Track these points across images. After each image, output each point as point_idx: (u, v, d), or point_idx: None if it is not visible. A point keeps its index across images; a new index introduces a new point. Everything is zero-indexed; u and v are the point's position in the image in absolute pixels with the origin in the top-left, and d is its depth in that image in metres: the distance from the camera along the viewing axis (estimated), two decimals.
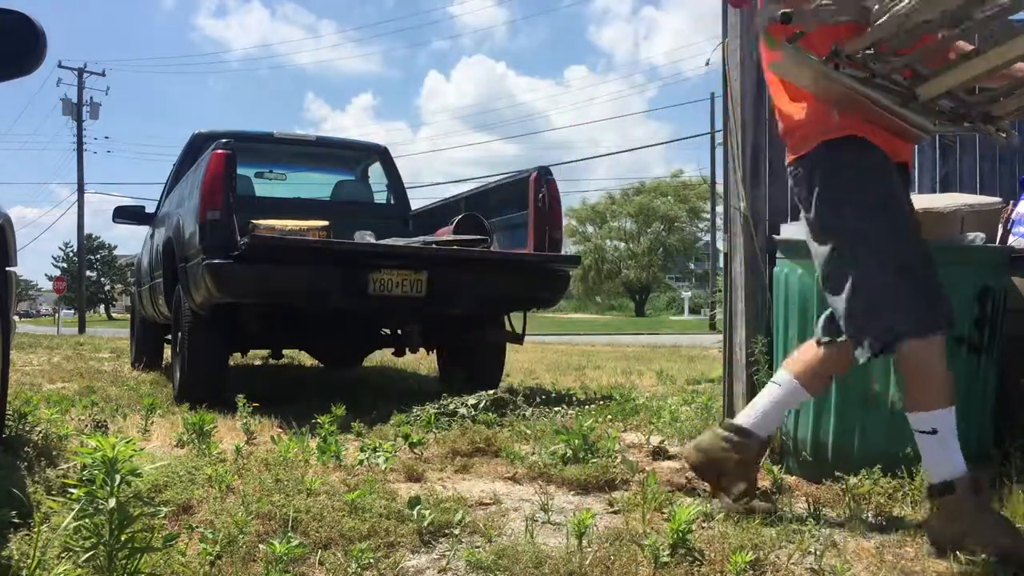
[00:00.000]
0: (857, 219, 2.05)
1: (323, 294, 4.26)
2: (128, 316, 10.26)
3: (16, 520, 1.95)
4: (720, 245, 3.38)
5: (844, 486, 2.46)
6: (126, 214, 7.02)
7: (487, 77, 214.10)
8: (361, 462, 2.87)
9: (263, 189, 6.58)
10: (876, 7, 1.79)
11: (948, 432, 1.99)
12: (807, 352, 2.31)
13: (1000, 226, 2.96)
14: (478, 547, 2.00)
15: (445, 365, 6.06)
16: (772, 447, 2.85)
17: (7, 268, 2.62)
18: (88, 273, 53.94)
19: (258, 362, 8.05)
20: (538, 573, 1.82)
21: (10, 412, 3.03)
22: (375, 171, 6.90)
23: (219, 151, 4.26)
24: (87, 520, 1.57)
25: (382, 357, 7.67)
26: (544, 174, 4.86)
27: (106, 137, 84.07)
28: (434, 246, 4.72)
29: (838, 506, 2.41)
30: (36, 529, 1.84)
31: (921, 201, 2.70)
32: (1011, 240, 2.97)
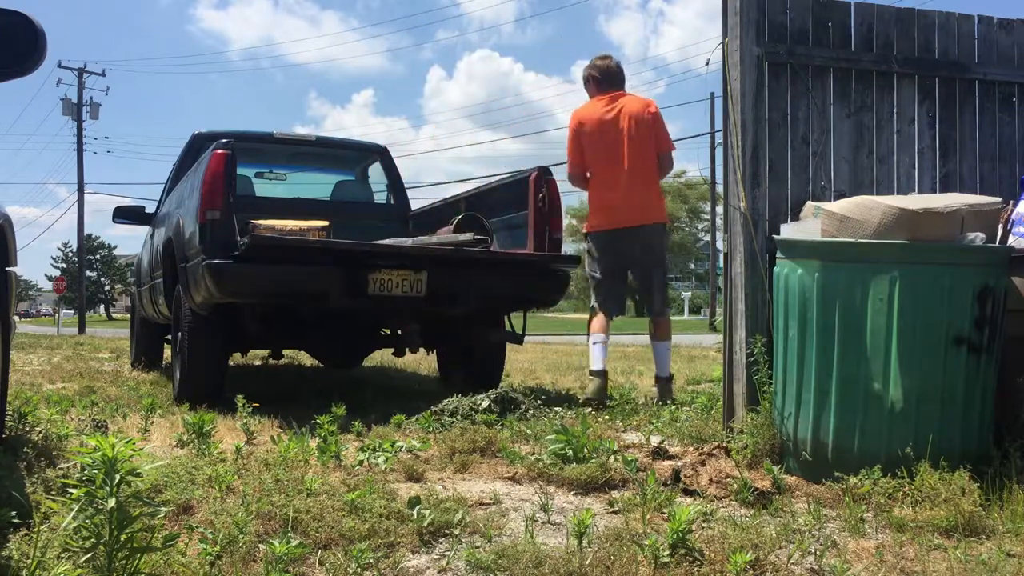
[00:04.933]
0: None
1: (323, 294, 4.26)
2: (128, 316, 10.26)
3: (16, 520, 1.95)
4: (720, 245, 3.38)
5: (844, 486, 2.47)
6: (126, 214, 7.01)
7: (493, 73, 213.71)
8: (361, 462, 2.87)
9: (263, 189, 6.58)
10: None
11: None
12: None
13: (1000, 226, 2.95)
14: (478, 547, 2.00)
15: (445, 365, 6.06)
16: (772, 447, 2.85)
17: (7, 268, 2.61)
18: (88, 273, 53.97)
19: (258, 362, 8.05)
20: (538, 573, 1.82)
21: (10, 412, 3.03)
22: (375, 171, 6.91)
23: (219, 151, 4.25)
24: (87, 520, 1.57)
25: (382, 357, 7.67)
26: (544, 174, 4.86)
27: (106, 137, 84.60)
28: (434, 246, 4.72)
29: (838, 506, 2.41)
30: (36, 529, 1.84)
31: (921, 201, 2.70)
32: (1011, 240, 2.97)
